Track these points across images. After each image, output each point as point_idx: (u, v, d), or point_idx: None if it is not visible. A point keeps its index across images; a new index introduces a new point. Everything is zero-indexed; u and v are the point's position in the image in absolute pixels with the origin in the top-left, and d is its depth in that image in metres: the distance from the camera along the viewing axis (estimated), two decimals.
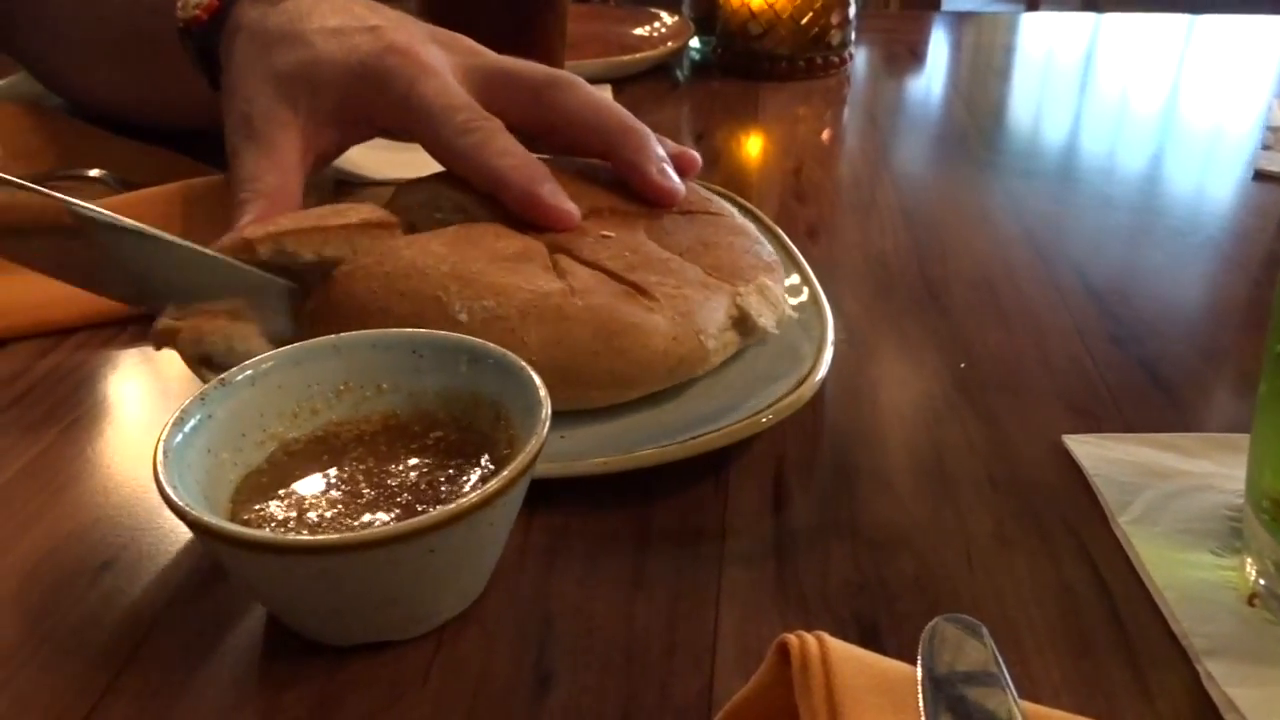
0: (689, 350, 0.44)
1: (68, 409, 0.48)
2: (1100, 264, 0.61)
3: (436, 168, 0.56)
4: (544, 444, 0.33)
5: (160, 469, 0.32)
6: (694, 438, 0.42)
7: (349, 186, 0.68)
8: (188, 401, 0.35)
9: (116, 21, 0.69)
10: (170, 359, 0.48)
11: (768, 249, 0.52)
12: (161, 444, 0.33)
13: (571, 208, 0.51)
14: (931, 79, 1.05)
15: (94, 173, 0.65)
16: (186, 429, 0.34)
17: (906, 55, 1.11)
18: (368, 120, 0.58)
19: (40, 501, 0.41)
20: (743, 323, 0.47)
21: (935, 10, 1.61)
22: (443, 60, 0.56)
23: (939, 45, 1.17)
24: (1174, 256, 0.63)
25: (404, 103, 0.54)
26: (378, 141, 0.60)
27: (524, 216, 0.50)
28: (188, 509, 0.30)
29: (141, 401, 0.49)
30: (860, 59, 1.04)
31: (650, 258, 0.48)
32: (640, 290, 0.46)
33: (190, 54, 0.62)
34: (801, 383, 0.44)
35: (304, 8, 0.58)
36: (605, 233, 0.50)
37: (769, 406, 0.43)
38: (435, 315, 0.43)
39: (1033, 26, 1.29)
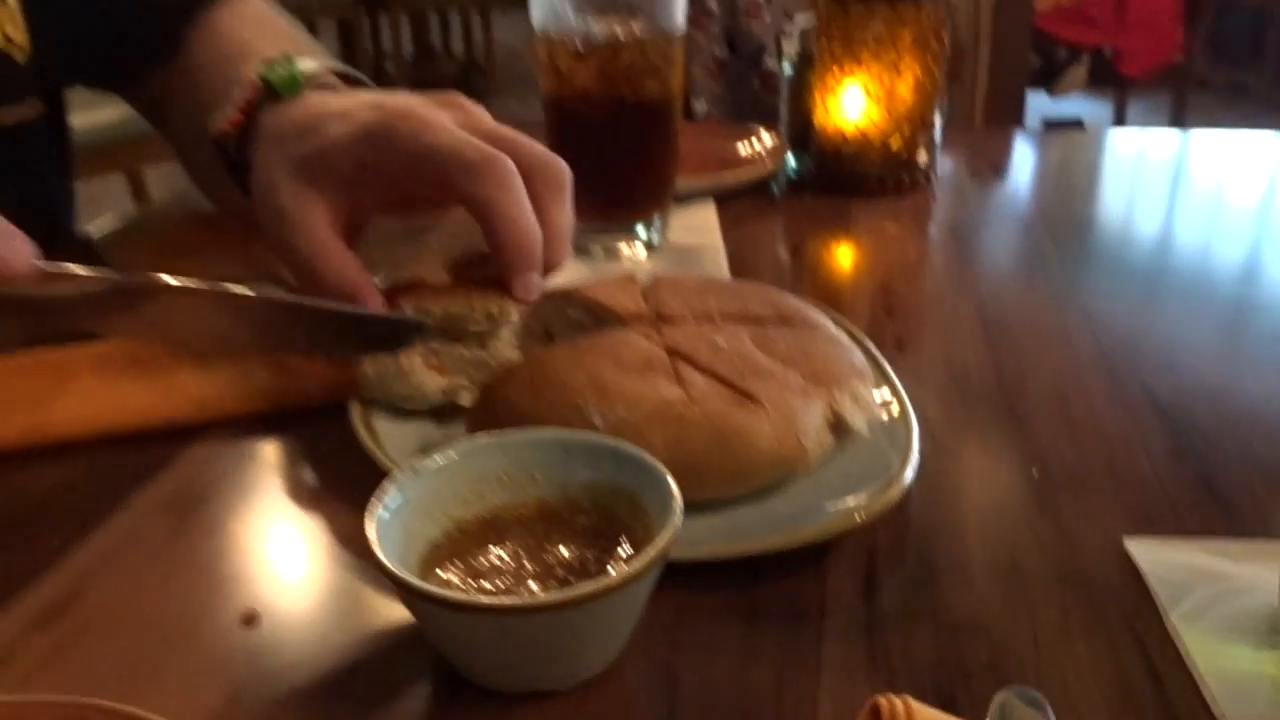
0: (790, 450, 0.51)
1: (209, 495, 0.55)
2: (1168, 381, 0.66)
3: None
4: (678, 531, 0.41)
5: (375, 542, 0.40)
6: (796, 530, 0.49)
7: None
8: (387, 486, 0.43)
9: (199, 136, 0.74)
10: (296, 455, 0.57)
11: (859, 355, 0.60)
12: (375, 522, 0.41)
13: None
14: (1013, 195, 1.12)
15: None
16: (391, 508, 0.42)
17: (988, 171, 1.18)
18: (388, 182, 0.63)
19: (188, 566, 0.50)
20: (838, 425, 0.54)
21: (1018, 125, 1.68)
22: (444, 116, 0.62)
23: (1023, 160, 1.24)
24: (1243, 373, 0.69)
25: (413, 155, 0.60)
26: None
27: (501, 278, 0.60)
28: (402, 576, 0.38)
29: (279, 489, 0.56)
30: (945, 174, 1.11)
31: (757, 366, 0.56)
32: (749, 397, 0.53)
33: (224, 165, 0.69)
34: (891, 485, 0.51)
35: (313, 104, 0.66)
36: (718, 339, 0.58)
37: (862, 505, 0.50)
38: (576, 420, 0.51)
39: (1115, 143, 1.35)
